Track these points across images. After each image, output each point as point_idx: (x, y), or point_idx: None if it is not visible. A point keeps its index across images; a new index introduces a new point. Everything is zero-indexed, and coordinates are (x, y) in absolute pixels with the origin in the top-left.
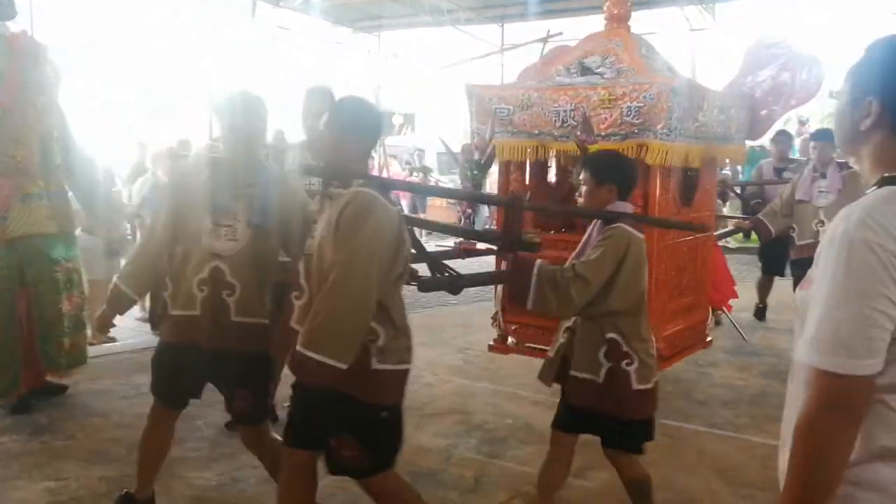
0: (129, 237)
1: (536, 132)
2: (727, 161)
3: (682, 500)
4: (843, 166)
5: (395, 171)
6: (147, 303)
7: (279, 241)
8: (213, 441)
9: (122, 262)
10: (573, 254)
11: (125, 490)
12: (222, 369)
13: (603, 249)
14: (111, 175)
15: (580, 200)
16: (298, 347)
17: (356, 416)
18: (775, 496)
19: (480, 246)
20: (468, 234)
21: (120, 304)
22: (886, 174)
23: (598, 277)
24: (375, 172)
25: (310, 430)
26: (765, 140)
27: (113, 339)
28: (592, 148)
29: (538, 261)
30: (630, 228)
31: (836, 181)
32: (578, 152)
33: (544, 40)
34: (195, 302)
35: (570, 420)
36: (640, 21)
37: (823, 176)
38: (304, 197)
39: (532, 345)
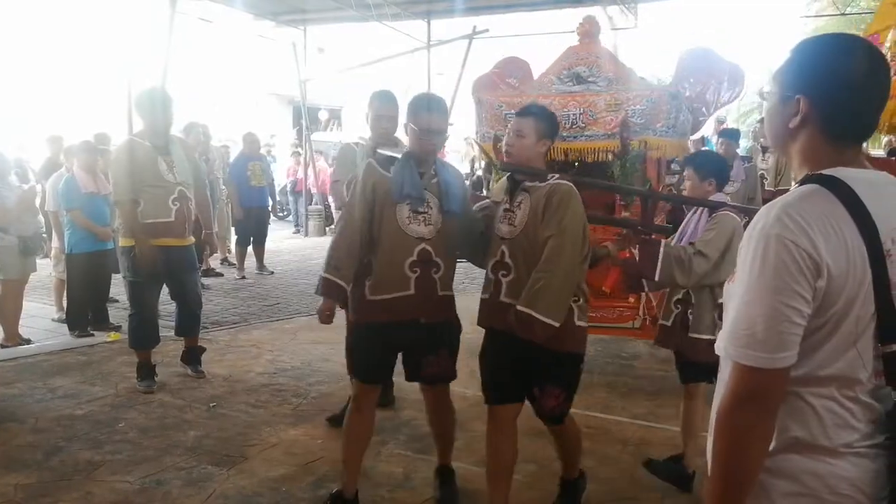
0: (45, 235)
1: None
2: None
3: (606, 491)
4: (745, 160)
5: (322, 167)
6: (64, 304)
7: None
8: (134, 444)
9: (37, 260)
10: (676, 235)
11: (335, 489)
12: (425, 338)
13: (716, 231)
14: (24, 171)
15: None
16: (522, 308)
17: (563, 366)
18: (697, 485)
19: None
20: (616, 223)
21: (339, 295)
22: (810, 172)
23: (714, 253)
24: (301, 169)
25: (515, 385)
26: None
27: (28, 341)
28: (633, 144)
29: (663, 241)
30: (732, 213)
31: (740, 172)
32: (620, 149)
33: (471, 37)
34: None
35: (696, 372)
36: (562, 19)
37: (730, 167)
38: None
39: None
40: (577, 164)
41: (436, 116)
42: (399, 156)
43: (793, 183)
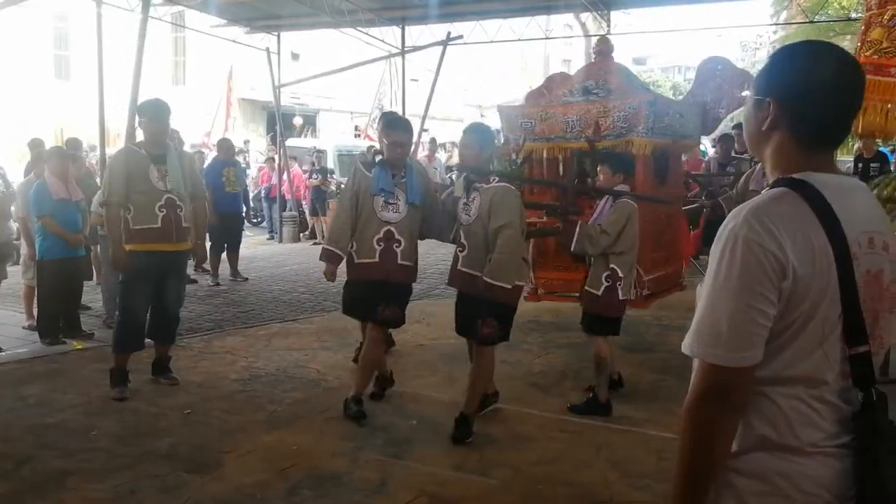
0: (16, 240)
1: (552, 137)
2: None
3: (581, 494)
4: (754, 162)
5: (296, 173)
6: (35, 311)
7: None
8: (108, 452)
9: (7, 267)
10: (592, 217)
11: (351, 394)
12: (383, 292)
13: (617, 215)
14: (3, 176)
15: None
16: (487, 279)
17: (501, 310)
18: (671, 487)
19: None
20: (544, 207)
21: (336, 259)
22: (781, 175)
23: (614, 231)
24: (276, 175)
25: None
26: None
27: None
28: (600, 144)
29: (580, 221)
30: (631, 201)
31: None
32: (588, 147)
33: (445, 43)
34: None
35: (593, 323)
36: (535, 27)
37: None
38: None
39: (556, 293)
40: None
41: (401, 133)
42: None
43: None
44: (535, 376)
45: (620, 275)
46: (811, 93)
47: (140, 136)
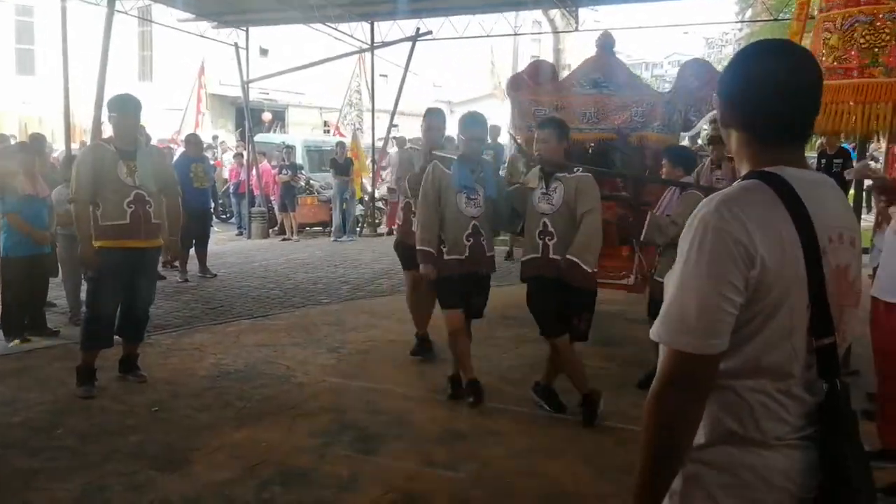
0: None
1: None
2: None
3: (550, 486)
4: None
5: (265, 168)
6: None
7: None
8: (74, 450)
9: None
10: (658, 208)
11: (466, 380)
12: (477, 283)
13: (685, 206)
14: None
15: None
16: (570, 257)
17: (591, 300)
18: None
19: None
20: (615, 198)
21: (433, 258)
22: (751, 169)
23: (683, 221)
24: (244, 171)
25: (560, 321)
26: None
27: None
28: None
29: (650, 211)
30: (698, 192)
31: (729, 171)
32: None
33: (414, 39)
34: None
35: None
36: (504, 23)
37: (719, 167)
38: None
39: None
40: (588, 149)
41: (478, 129)
42: (454, 157)
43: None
44: (505, 371)
45: None
46: (754, 91)
47: (108, 131)
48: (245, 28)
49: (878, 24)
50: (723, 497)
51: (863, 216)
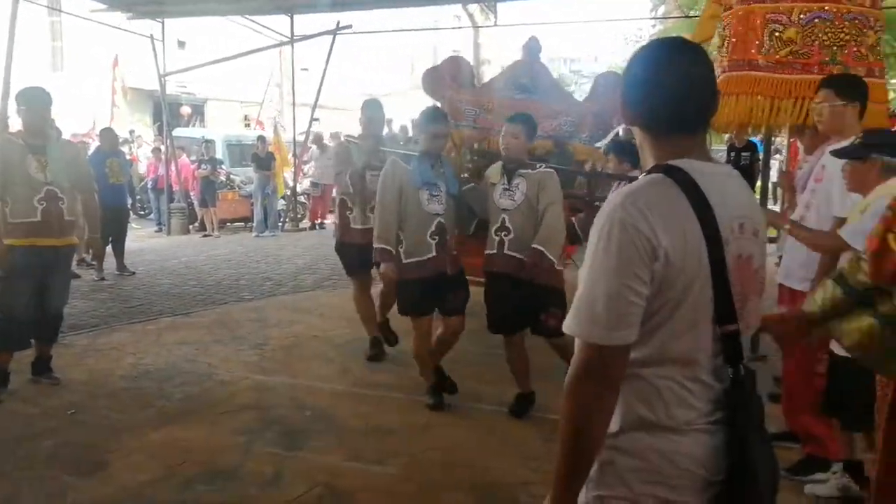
0: None
1: (490, 128)
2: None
3: (477, 477)
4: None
5: (184, 163)
6: None
7: None
8: None
9: None
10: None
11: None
12: (447, 283)
13: None
14: None
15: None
16: (536, 246)
17: (560, 298)
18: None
19: None
20: (571, 197)
21: (390, 257)
22: (655, 163)
23: None
24: (163, 166)
25: (518, 317)
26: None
27: None
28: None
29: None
30: None
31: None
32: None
33: (334, 32)
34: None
35: None
36: (424, 17)
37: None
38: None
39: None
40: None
41: (441, 125)
42: (415, 154)
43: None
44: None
45: None
46: (651, 87)
47: (16, 125)
48: (161, 20)
49: (837, 22)
50: (635, 481)
51: (769, 207)
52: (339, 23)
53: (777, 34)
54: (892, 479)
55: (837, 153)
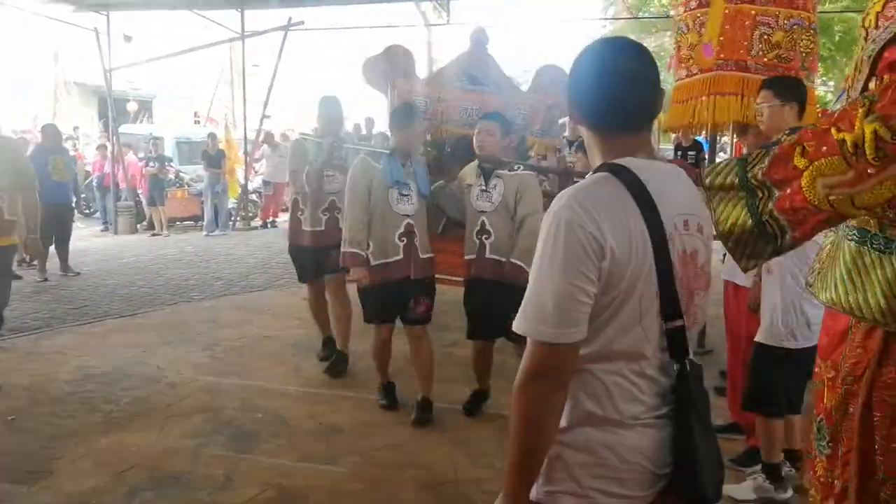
0: None
1: (447, 120)
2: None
3: (428, 475)
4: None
5: (131, 161)
6: None
7: None
8: None
9: None
10: None
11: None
12: (413, 289)
13: None
14: None
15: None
16: (515, 261)
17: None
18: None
19: None
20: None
21: (364, 262)
22: (601, 161)
23: None
24: (109, 163)
25: (494, 321)
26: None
27: None
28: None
29: None
30: None
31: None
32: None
33: (286, 28)
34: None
35: None
36: (377, 15)
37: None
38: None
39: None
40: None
41: (414, 123)
42: (386, 151)
43: None
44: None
45: None
46: (591, 86)
47: None
48: (105, 13)
49: (808, 30)
50: (583, 476)
51: None
52: (290, 19)
53: (766, 37)
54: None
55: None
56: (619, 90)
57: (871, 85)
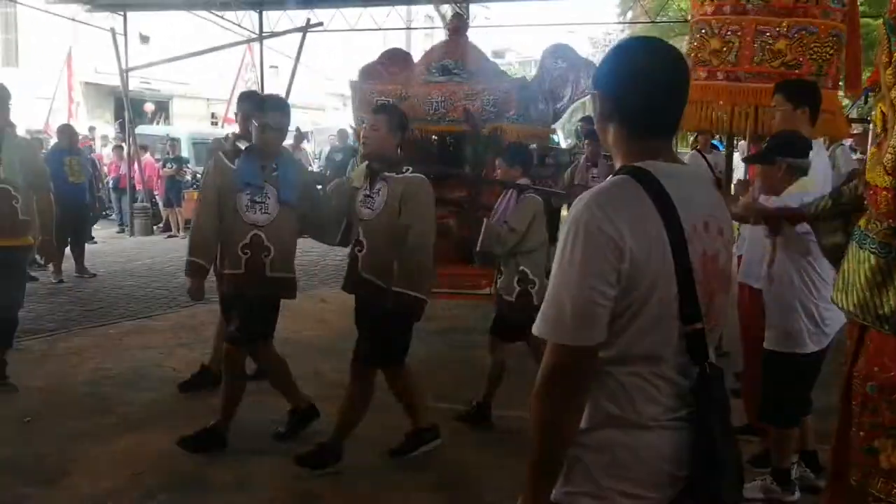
0: None
1: (415, 119)
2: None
3: (442, 476)
4: (609, 157)
5: (148, 162)
6: None
7: None
8: None
9: None
10: (493, 213)
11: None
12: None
13: (524, 211)
14: None
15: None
16: (400, 290)
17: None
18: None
19: None
20: (450, 203)
21: (203, 273)
22: (622, 164)
23: (522, 228)
24: (125, 164)
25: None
26: None
27: None
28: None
29: (485, 218)
30: (536, 196)
31: (606, 169)
32: (469, 129)
33: (304, 29)
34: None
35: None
36: (395, 17)
37: (595, 165)
38: None
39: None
40: (451, 146)
41: (275, 114)
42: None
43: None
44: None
45: (532, 277)
46: (634, 85)
47: None
48: (122, 13)
49: (823, 37)
50: (602, 477)
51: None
52: (308, 20)
53: (768, 46)
54: (841, 461)
55: (747, 159)
56: (659, 95)
57: None
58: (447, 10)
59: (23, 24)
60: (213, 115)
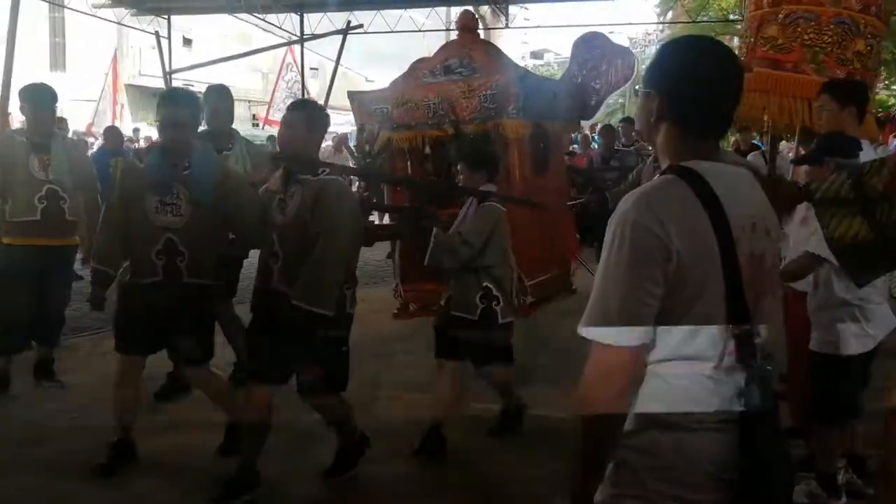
0: None
1: (413, 124)
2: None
3: (472, 475)
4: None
5: None
6: None
7: None
8: None
9: None
10: (455, 224)
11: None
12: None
13: (480, 221)
14: None
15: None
16: (297, 303)
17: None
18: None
19: None
20: (389, 210)
21: (107, 281)
22: (670, 163)
23: (478, 242)
24: None
25: (280, 368)
26: None
27: None
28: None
29: (434, 228)
30: (497, 204)
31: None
32: (453, 132)
33: (345, 32)
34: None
35: (447, 348)
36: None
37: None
38: None
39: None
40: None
41: (175, 108)
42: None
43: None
44: None
45: (496, 293)
46: (691, 85)
47: (16, 122)
48: (166, 16)
49: (822, 24)
50: (650, 479)
51: None
52: (349, 22)
53: (766, 35)
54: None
55: (798, 161)
56: (718, 97)
57: None
58: (486, 10)
59: (70, 28)
60: (254, 117)
